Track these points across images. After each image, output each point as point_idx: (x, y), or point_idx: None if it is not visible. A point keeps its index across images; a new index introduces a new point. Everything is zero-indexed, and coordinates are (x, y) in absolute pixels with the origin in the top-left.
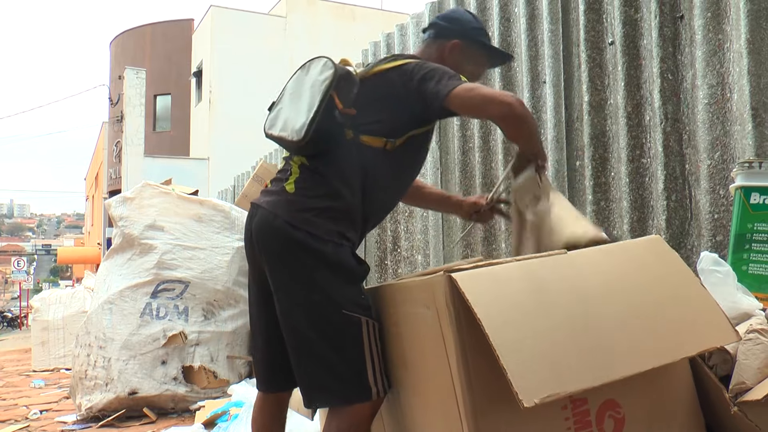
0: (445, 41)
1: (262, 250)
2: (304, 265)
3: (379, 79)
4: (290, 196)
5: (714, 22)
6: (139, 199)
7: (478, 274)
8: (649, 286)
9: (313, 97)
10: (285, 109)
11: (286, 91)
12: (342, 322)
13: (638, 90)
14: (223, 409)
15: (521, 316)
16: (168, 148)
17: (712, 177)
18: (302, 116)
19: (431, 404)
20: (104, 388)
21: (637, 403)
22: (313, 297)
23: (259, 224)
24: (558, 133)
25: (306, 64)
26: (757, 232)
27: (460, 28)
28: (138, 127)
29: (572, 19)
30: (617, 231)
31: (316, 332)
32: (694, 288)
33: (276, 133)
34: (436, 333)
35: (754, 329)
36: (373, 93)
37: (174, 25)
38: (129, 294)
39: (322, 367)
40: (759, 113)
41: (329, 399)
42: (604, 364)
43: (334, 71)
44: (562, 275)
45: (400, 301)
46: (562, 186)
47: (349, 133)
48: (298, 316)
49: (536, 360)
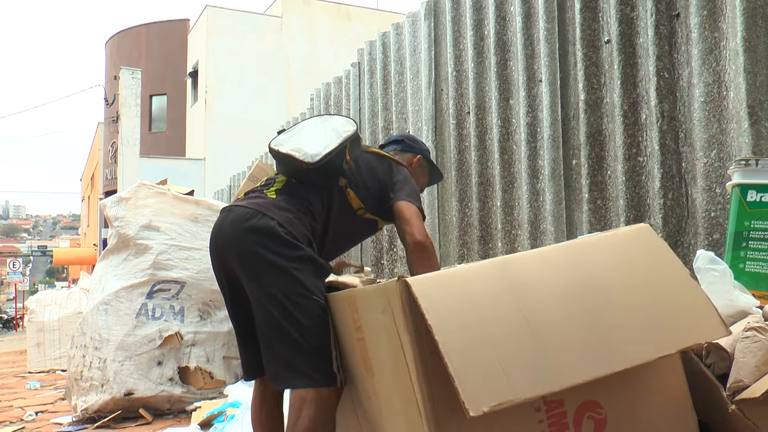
0: (412, 156)
1: (234, 243)
2: (276, 253)
3: (377, 158)
4: (271, 200)
5: (710, 20)
6: (134, 199)
7: (439, 277)
8: (631, 279)
9: (332, 138)
10: (296, 138)
11: (302, 126)
12: (311, 307)
13: (634, 88)
14: (219, 410)
15: (479, 321)
16: (164, 148)
17: (709, 175)
18: (317, 147)
19: (396, 410)
20: (100, 389)
21: (621, 402)
22: (285, 282)
23: (235, 219)
24: (554, 131)
25: (324, 116)
26: (754, 230)
27: (420, 148)
28: (134, 128)
29: (568, 17)
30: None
31: (288, 318)
32: (680, 279)
33: (284, 150)
34: (394, 338)
35: (752, 327)
36: (370, 165)
37: (169, 25)
38: (124, 294)
39: (293, 349)
40: (755, 111)
41: (298, 380)
42: (566, 368)
43: (355, 129)
44: (535, 274)
45: (361, 307)
46: (559, 185)
47: (343, 181)
48: (272, 303)
49: (490, 366)
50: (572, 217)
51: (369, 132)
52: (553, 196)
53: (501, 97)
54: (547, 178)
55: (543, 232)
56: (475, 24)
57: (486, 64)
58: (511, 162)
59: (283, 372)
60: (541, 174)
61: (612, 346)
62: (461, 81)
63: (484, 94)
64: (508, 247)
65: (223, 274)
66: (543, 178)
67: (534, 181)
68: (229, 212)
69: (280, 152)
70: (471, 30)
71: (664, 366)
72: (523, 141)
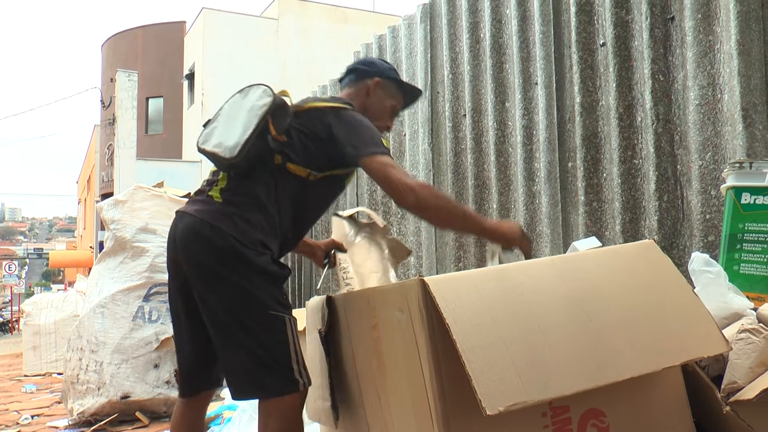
0: (368, 80)
1: (189, 256)
2: (232, 269)
3: (313, 115)
4: (218, 205)
5: (704, 23)
6: (131, 202)
7: (454, 279)
8: (636, 292)
9: (250, 119)
10: (220, 128)
11: (222, 111)
12: (269, 321)
13: (630, 91)
14: (216, 413)
15: (493, 322)
16: (160, 150)
17: (704, 177)
18: (236, 136)
19: (407, 408)
20: (96, 393)
21: (623, 411)
22: (242, 299)
23: (186, 231)
24: (550, 134)
25: (245, 89)
26: (749, 232)
27: (378, 69)
28: (130, 130)
29: (564, 20)
30: (609, 232)
31: (245, 332)
32: (684, 295)
33: (209, 149)
34: (409, 337)
35: (746, 329)
36: (305, 126)
37: (166, 28)
38: (121, 297)
39: (253, 362)
40: (749, 114)
41: (260, 392)
42: (578, 373)
43: (272, 99)
44: (545, 281)
45: (379, 305)
46: (555, 187)
47: (278, 158)
48: (228, 317)
49: (505, 366)
50: (568, 219)
51: None
52: (549, 198)
53: (497, 99)
54: (543, 181)
55: (539, 234)
56: (470, 27)
57: (482, 67)
58: (507, 164)
59: (244, 385)
60: (537, 176)
61: (618, 355)
62: (457, 83)
63: (480, 97)
64: None
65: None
66: (539, 181)
67: (530, 184)
68: (181, 218)
69: (206, 151)
70: (467, 33)
71: (665, 376)
72: (519, 144)
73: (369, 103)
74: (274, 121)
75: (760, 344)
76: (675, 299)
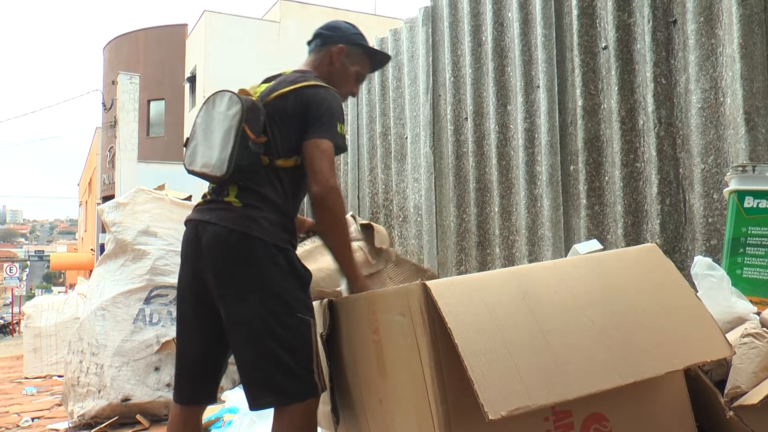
0: (332, 46)
1: (218, 266)
2: (262, 273)
3: (281, 103)
4: (240, 210)
5: (707, 26)
6: (132, 204)
7: (456, 282)
8: (639, 296)
9: (227, 132)
10: (200, 145)
11: (197, 127)
12: (296, 326)
13: (632, 94)
14: (216, 416)
15: (496, 326)
16: (162, 153)
17: (706, 181)
18: (217, 151)
19: (409, 412)
20: (97, 395)
21: (626, 416)
22: (273, 305)
23: (215, 240)
24: (552, 137)
25: (210, 98)
26: (752, 236)
27: (342, 34)
28: (131, 133)
29: (566, 23)
30: (611, 235)
31: (272, 337)
32: (687, 299)
33: (198, 169)
34: (411, 341)
35: (749, 333)
36: (278, 117)
37: (168, 30)
38: (122, 300)
39: (278, 370)
40: (752, 117)
41: (284, 399)
42: (580, 377)
43: (241, 105)
44: (548, 285)
45: (380, 309)
46: (557, 191)
47: (265, 160)
48: (257, 323)
49: (507, 371)
50: (570, 222)
51: (367, 138)
52: (551, 201)
53: (499, 102)
54: (544, 184)
55: (541, 237)
56: (472, 30)
57: (484, 70)
58: (508, 168)
59: (263, 392)
60: (539, 180)
61: (622, 360)
62: (459, 87)
63: (481, 100)
64: (506, 252)
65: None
66: (541, 184)
67: (532, 187)
68: (203, 228)
69: (195, 172)
70: (469, 36)
71: (668, 381)
72: (521, 147)
73: (332, 70)
74: (249, 126)
75: (764, 349)
76: (678, 303)
